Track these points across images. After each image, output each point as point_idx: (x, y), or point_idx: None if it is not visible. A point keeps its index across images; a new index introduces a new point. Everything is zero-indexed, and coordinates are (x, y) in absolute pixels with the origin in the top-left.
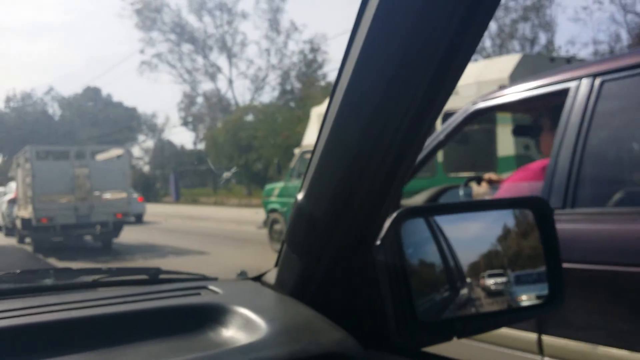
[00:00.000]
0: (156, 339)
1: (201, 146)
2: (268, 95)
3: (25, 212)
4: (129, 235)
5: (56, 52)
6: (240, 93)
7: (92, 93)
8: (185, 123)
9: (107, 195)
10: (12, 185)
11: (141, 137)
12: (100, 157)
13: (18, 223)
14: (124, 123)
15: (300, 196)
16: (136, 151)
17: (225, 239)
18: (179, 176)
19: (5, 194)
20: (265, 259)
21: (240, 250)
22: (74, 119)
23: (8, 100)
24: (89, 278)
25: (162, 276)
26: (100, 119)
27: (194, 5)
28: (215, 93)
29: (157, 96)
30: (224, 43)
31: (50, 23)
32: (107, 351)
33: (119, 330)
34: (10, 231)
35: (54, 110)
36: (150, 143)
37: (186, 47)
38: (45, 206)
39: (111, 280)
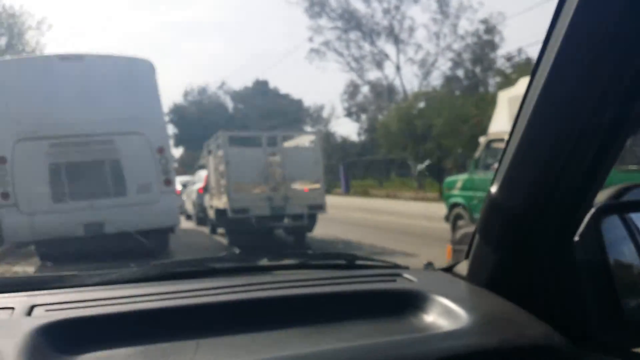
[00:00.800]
0: (360, 319)
1: (364, 137)
2: (437, 81)
3: (219, 202)
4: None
5: (227, 49)
6: (408, 80)
7: (261, 86)
8: (349, 114)
9: (301, 185)
10: (202, 173)
11: (307, 129)
12: (288, 144)
13: (211, 213)
14: (291, 115)
15: (494, 188)
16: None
17: (403, 234)
18: (348, 167)
19: (193, 183)
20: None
21: (423, 246)
22: (247, 111)
23: (186, 94)
24: (294, 260)
25: (358, 262)
26: (270, 111)
27: None
28: (380, 81)
29: (321, 87)
30: (391, 29)
31: (221, 22)
32: (318, 327)
33: (326, 309)
34: (201, 220)
35: (227, 103)
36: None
37: (354, 34)
38: (241, 196)
39: (313, 263)
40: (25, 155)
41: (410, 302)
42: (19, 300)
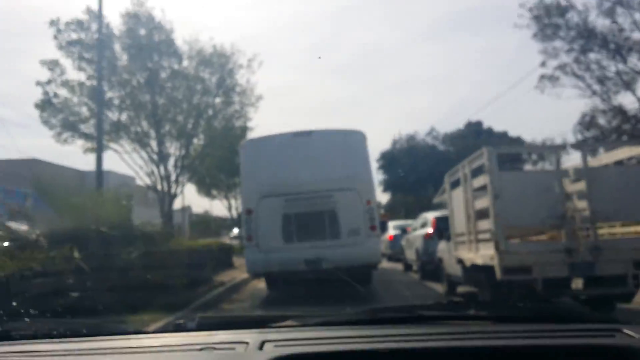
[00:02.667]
0: None
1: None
2: None
3: (474, 254)
4: None
5: (435, 98)
6: None
7: (474, 127)
8: (578, 145)
9: (622, 228)
10: (427, 216)
11: (527, 168)
12: (598, 160)
13: (452, 267)
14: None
15: None
16: None
17: None
18: None
19: (415, 228)
20: None
21: None
22: (458, 153)
23: (394, 142)
24: (501, 312)
25: (569, 315)
26: None
27: (605, 4)
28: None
29: (544, 122)
30: None
31: (431, 77)
32: None
33: None
34: (429, 274)
35: (438, 147)
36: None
37: (595, 54)
38: (518, 248)
39: (521, 315)
40: (266, 208)
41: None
42: (252, 336)
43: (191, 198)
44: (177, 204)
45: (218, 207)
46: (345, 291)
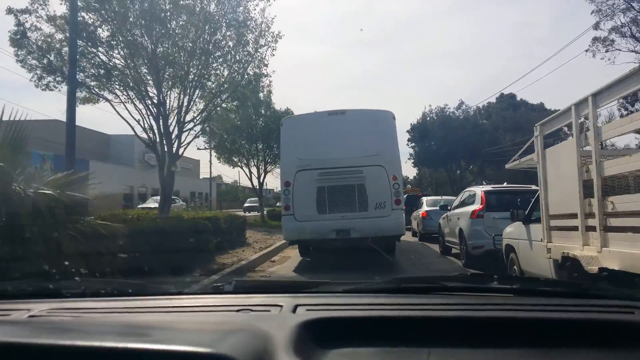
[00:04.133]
0: (589, 349)
1: None
2: None
3: (598, 251)
4: None
5: (466, 74)
6: None
7: (507, 99)
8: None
9: None
10: (476, 191)
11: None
12: None
13: (533, 263)
14: None
15: None
16: None
17: None
18: None
19: (469, 202)
20: None
21: None
22: (491, 126)
23: (424, 116)
24: (523, 285)
25: (590, 291)
26: (519, 124)
27: None
28: None
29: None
30: None
31: (461, 51)
32: (545, 351)
33: (552, 335)
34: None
35: (469, 120)
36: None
37: None
38: None
39: (542, 289)
40: (302, 181)
41: None
42: (286, 300)
43: (222, 168)
44: (204, 173)
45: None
46: (371, 260)
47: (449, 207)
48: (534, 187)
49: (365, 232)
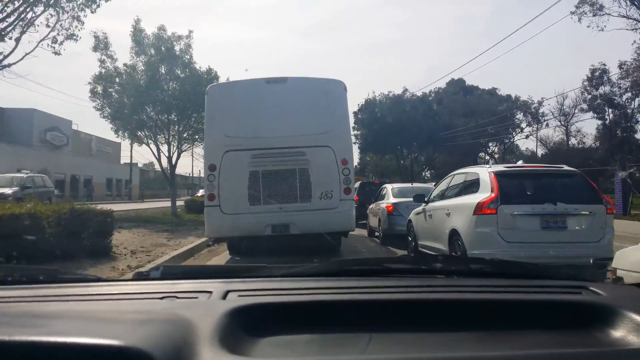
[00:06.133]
0: (538, 329)
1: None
2: None
3: None
4: None
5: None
6: None
7: (455, 84)
8: (591, 106)
9: None
10: (482, 173)
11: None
12: None
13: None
14: (500, 113)
15: None
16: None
17: None
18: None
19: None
20: None
21: None
22: (442, 111)
23: (367, 102)
24: (470, 266)
25: (539, 272)
26: (470, 110)
27: None
28: None
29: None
30: None
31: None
32: (492, 333)
33: (500, 316)
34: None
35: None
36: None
37: None
38: None
39: (490, 270)
40: (231, 164)
41: (596, 316)
42: (216, 285)
43: (145, 152)
44: (124, 158)
45: (181, 163)
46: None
47: (426, 198)
48: (565, 167)
49: (307, 227)
